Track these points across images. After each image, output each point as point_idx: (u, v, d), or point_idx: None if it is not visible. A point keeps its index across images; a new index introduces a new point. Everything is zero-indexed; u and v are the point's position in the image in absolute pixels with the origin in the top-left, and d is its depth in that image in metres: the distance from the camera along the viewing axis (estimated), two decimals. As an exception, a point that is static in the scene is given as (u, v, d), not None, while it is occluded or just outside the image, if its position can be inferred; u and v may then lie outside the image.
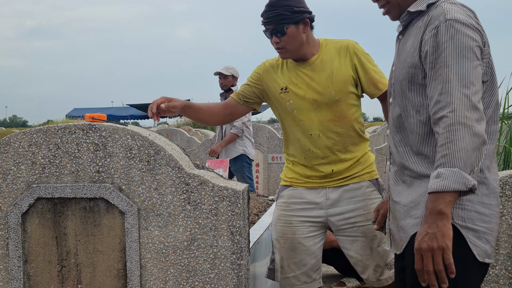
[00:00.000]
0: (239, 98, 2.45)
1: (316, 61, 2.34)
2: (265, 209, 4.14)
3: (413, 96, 1.57)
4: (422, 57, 1.52)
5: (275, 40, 2.29)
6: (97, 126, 1.89)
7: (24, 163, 1.92)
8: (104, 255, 1.91)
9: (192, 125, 16.04)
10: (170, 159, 1.86)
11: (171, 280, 1.88)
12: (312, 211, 2.36)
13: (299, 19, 2.26)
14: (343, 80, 2.30)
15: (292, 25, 2.25)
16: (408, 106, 1.59)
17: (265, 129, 6.96)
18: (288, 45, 2.27)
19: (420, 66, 1.54)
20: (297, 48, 2.29)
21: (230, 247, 1.85)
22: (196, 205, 1.86)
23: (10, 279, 1.92)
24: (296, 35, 2.26)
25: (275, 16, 2.25)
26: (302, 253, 2.37)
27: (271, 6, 2.27)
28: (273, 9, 2.26)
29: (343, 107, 2.31)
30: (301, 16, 2.26)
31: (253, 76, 2.46)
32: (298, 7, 2.26)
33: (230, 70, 5.81)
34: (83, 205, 1.91)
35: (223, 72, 5.76)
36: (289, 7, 2.25)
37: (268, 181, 6.89)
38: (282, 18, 2.23)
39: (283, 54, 2.32)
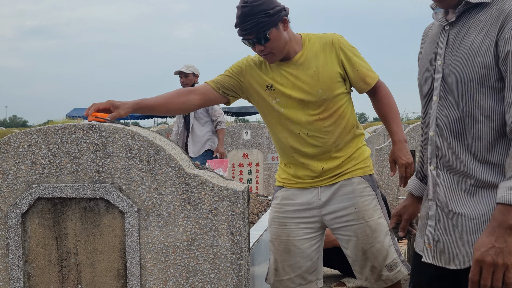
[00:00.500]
0: (217, 87, 2.34)
1: (300, 59, 2.26)
2: (265, 209, 4.15)
3: (482, 99, 1.42)
4: (501, 57, 1.38)
5: (259, 48, 2.20)
6: (97, 126, 1.89)
7: (24, 163, 1.92)
8: (104, 255, 1.91)
9: (192, 125, 16.01)
10: (170, 159, 1.86)
11: (171, 280, 1.88)
12: (305, 212, 2.32)
13: (278, 20, 2.18)
14: (330, 78, 2.22)
15: (273, 29, 2.17)
16: (474, 110, 1.44)
17: (265, 129, 6.96)
18: (274, 49, 2.20)
19: (495, 68, 1.39)
20: (282, 49, 2.21)
21: (230, 247, 1.85)
22: (196, 205, 1.86)
23: (10, 279, 1.93)
24: (279, 36, 2.18)
25: (253, 26, 2.14)
26: (297, 256, 2.33)
27: (245, 16, 2.15)
28: (249, 19, 2.14)
29: (332, 106, 2.24)
30: (278, 16, 2.17)
31: (233, 69, 2.36)
32: (272, 8, 2.16)
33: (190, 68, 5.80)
34: (83, 205, 1.91)
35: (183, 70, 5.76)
36: (264, 12, 2.14)
37: (268, 181, 6.89)
38: (262, 26, 2.14)
39: (271, 59, 2.24)
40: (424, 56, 1.63)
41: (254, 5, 2.14)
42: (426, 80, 1.59)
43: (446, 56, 1.51)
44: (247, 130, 6.95)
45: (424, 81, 1.60)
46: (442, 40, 1.53)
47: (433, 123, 1.55)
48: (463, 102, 1.46)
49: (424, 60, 1.62)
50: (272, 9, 2.16)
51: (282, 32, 2.20)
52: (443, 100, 1.52)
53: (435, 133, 1.55)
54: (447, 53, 1.51)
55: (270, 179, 6.90)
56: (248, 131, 6.93)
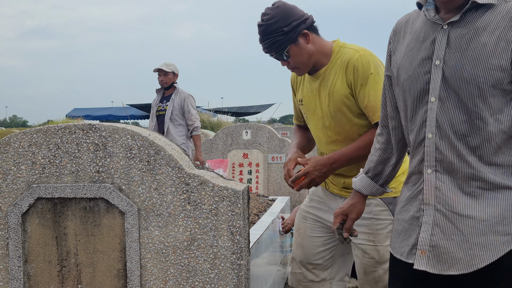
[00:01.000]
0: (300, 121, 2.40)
1: (324, 73, 2.16)
2: (265, 209, 4.15)
3: (493, 101, 1.41)
4: None
5: (283, 63, 2.15)
6: (97, 126, 1.89)
7: (24, 163, 1.92)
8: (104, 255, 1.91)
9: (192, 125, 16.03)
10: (170, 159, 1.86)
11: (171, 280, 1.88)
12: (325, 213, 2.30)
13: (296, 36, 2.07)
14: (340, 99, 2.12)
15: (291, 45, 2.08)
16: (484, 112, 1.42)
17: (265, 129, 6.96)
18: (298, 63, 2.12)
19: (510, 70, 1.39)
20: (306, 63, 2.12)
21: (230, 247, 1.85)
22: (196, 205, 1.86)
23: (10, 279, 1.93)
24: (300, 52, 2.09)
25: (270, 45, 2.08)
26: (309, 251, 2.32)
27: (263, 35, 2.08)
28: (266, 38, 2.08)
29: (346, 128, 2.15)
30: (296, 32, 2.07)
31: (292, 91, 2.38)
32: (288, 25, 2.06)
33: (170, 67, 5.66)
34: (83, 205, 1.91)
35: (164, 68, 5.60)
36: (279, 30, 2.05)
37: (268, 181, 6.89)
38: (278, 45, 2.07)
39: (298, 72, 2.19)
40: (409, 54, 1.55)
41: (269, 23, 2.06)
42: (416, 80, 1.52)
43: (448, 56, 1.46)
44: (247, 130, 6.95)
45: (414, 81, 1.53)
46: (441, 39, 1.47)
47: (432, 125, 1.49)
48: (473, 104, 1.42)
49: (409, 58, 1.55)
50: (288, 25, 2.05)
51: (304, 46, 2.10)
52: (445, 102, 1.46)
53: (434, 135, 1.49)
54: (449, 53, 1.45)
55: (270, 179, 6.90)
56: (248, 131, 6.93)
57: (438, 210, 1.50)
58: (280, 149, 6.90)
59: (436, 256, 1.49)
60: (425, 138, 1.51)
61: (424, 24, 1.53)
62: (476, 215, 1.45)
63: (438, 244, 1.49)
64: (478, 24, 1.42)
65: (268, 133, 6.94)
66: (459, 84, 1.43)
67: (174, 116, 5.61)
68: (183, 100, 5.70)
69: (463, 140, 1.46)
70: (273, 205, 4.19)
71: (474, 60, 1.41)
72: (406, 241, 1.57)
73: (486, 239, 1.44)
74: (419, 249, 1.52)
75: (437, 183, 1.50)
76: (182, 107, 5.68)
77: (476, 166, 1.45)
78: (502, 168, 1.45)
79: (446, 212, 1.48)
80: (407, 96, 1.55)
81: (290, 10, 2.08)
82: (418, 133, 1.53)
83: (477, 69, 1.41)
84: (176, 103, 5.68)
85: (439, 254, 1.49)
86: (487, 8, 1.43)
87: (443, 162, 1.49)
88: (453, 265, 1.47)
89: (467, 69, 1.42)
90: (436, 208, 1.50)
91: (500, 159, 1.44)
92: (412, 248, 1.55)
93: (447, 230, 1.48)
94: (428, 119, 1.50)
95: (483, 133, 1.43)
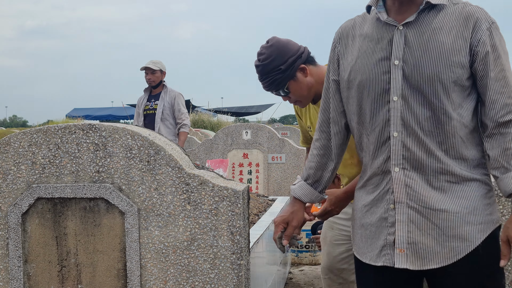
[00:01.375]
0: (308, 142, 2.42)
1: None
2: (265, 209, 4.15)
3: (455, 97, 1.48)
4: (479, 58, 1.47)
5: (284, 99, 2.17)
6: (97, 126, 1.89)
7: (24, 163, 1.92)
8: (104, 255, 1.90)
9: (192, 125, 16.05)
10: (170, 159, 1.86)
11: (171, 280, 1.88)
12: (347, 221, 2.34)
13: (293, 73, 2.07)
14: None
15: (290, 81, 2.08)
16: (447, 107, 1.48)
17: (265, 129, 6.96)
18: (299, 97, 2.14)
19: (468, 67, 1.48)
20: (307, 95, 2.14)
21: (230, 247, 1.85)
22: (196, 205, 1.86)
23: (10, 279, 1.92)
24: (299, 86, 2.10)
25: (270, 84, 2.08)
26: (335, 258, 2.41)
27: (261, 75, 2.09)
28: (264, 78, 2.08)
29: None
30: (293, 68, 2.06)
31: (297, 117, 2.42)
32: (285, 62, 2.05)
33: (158, 65, 5.47)
34: (83, 205, 1.90)
35: (151, 66, 5.41)
36: (277, 69, 2.04)
37: (268, 181, 6.89)
38: (278, 83, 2.07)
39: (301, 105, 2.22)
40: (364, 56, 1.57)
41: (265, 63, 2.06)
42: (375, 80, 1.54)
43: (407, 55, 1.50)
44: (247, 130, 6.95)
45: (372, 82, 1.54)
46: (398, 40, 1.51)
47: (398, 123, 1.51)
48: (438, 100, 1.48)
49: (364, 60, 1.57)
50: (284, 63, 2.05)
51: (303, 80, 2.10)
52: (408, 99, 1.50)
53: (400, 133, 1.51)
54: (408, 53, 1.50)
55: (270, 179, 6.90)
56: (248, 131, 6.93)
57: (411, 207, 1.51)
58: (280, 149, 6.90)
59: (414, 253, 1.51)
60: (390, 137, 1.53)
61: (376, 27, 1.58)
62: (448, 208, 1.49)
63: (415, 240, 1.51)
64: (434, 25, 1.49)
65: (268, 133, 6.94)
66: (421, 81, 1.48)
67: (165, 116, 5.45)
68: (174, 98, 5.51)
69: (430, 136, 1.50)
70: (273, 205, 4.19)
71: (436, 58, 1.47)
72: (375, 244, 1.58)
73: (461, 230, 1.49)
74: (398, 248, 1.52)
75: (406, 181, 1.52)
76: (173, 105, 5.50)
77: (444, 160, 1.50)
78: (466, 161, 1.51)
79: (420, 208, 1.51)
80: (365, 97, 1.57)
81: (285, 47, 2.08)
82: (381, 133, 1.54)
83: (439, 66, 1.47)
84: (167, 102, 5.50)
85: (418, 250, 1.51)
86: (439, 8, 1.51)
87: (411, 159, 1.51)
88: (432, 259, 1.50)
89: (429, 67, 1.48)
90: (409, 205, 1.51)
91: (464, 153, 1.51)
92: (381, 250, 1.56)
93: (422, 226, 1.51)
94: (391, 118, 1.52)
95: (448, 127, 1.49)
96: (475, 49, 1.47)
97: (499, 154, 1.48)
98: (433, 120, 1.49)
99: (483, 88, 1.49)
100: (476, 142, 1.54)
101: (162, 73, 5.52)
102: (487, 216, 1.52)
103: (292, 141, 7.23)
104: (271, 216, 3.47)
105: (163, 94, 5.52)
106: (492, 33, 1.48)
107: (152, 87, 5.57)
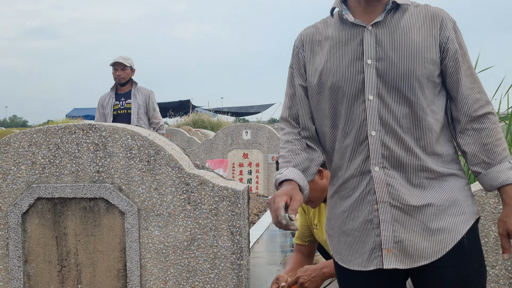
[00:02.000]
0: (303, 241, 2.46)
1: None
2: (265, 209, 4.15)
3: (428, 93, 1.51)
4: (449, 55, 1.52)
5: None
6: (97, 126, 1.89)
7: (24, 163, 1.92)
8: (104, 255, 1.90)
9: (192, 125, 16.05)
10: (170, 159, 1.86)
11: (171, 280, 1.88)
12: None
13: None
14: None
15: None
16: (423, 104, 1.50)
17: (265, 129, 6.96)
18: (312, 198, 2.21)
19: (438, 63, 1.52)
20: (320, 196, 2.22)
21: (230, 247, 1.85)
22: (196, 205, 1.86)
23: (10, 279, 1.92)
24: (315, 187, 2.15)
25: None
26: None
27: None
28: None
29: None
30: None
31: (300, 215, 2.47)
32: None
33: (128, 61, 5.10)
34: (83, 205, 1.90)
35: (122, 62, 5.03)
36: None
37: (268, 181, 6.89)
38: None
39: (312, 205, 2.29)
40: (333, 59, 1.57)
41: None
42: (349, 81, 1.53)
43: (380, 54, 1.51)
44: (247, 130, 6.95)
45: (346, 83, 1.53)
46: (368, 40, 1.52)
47: (375, 122, 1.50)
48: (414, 96, 1.49)
49: (335, 63, 1.56)
50: None
51: (319, 182, 2.19)
52: (384, 98, 1.50)
53: (378, 132, 1.50)
54: (381, 52, 1.51)
55: (270, 179, 6.90)
56: (248, 131, 6.93)
57: (394, 206, 1.50)
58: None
59: (402, 251, 1.50)
60: (367, 136, 1.52)
61: (342, 29, 1.58)
62: (430, 202, 1.51)
63: (401, 238, 1.50)
64: (402, 24, 1.53)
65: (268, 133, 6.94)
66: (397, 79, 1.50)
67: (140, 115, 5.09)
68: (147, 97, 5.16)
69: (408, 133, 1.51)
70: (273, 205, 4.18)
71: (409, 55, 1.50)
72: (362, 249, 1.54)
73: (445, 222, 1.50)
74: (385, 248, 1.50)
75: (387, 180, 1.51)
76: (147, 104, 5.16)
77: (422, 157, 1.51)
78: (441, 157, 1.54)
79: (402, 207, 1.50)
80: (339, 99, 1.55)
81: None
82: (358, 134, 1.53)
83: (414, 62, 1.50)
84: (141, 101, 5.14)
85: (405, 248, 1.50)
86: (404, 9, 1.56)
87: (390, 158, 1.51)
88: (421, 255, 1.50)
89: (404, 64, 1.50)
90: (391, 204, 1.50)
91: (439, 149, 1.53)
92: (370, 254, 1.53)
93: (407, 223, 1.50)
94: (368, 117, 1.51)
95: (424, 123, 1.51)
96: (444, 46, 1.52)
97: (479, 150, 1.52)
98: (411, 117, 1.50)
99: (454, 84, 1.53)
100: (447, 138, 1.57)
101: (132, 70, 5.16)
102: (468, 207, 1.54)
103: (292, 141, 7.21)
104: (271, 216, 3.47)
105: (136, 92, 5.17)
106: (456, 32, 1.55)
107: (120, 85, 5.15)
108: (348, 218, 1.58)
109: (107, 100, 5.18)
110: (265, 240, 2.99)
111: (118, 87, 5.16)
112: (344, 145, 1.57)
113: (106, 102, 5.17)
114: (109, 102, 5.16)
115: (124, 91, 5.18)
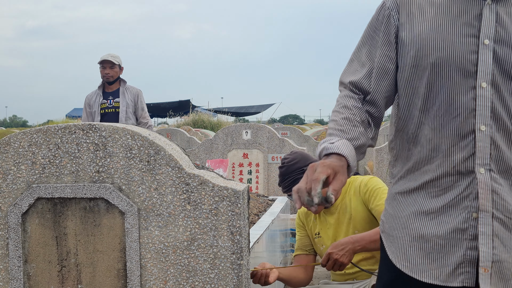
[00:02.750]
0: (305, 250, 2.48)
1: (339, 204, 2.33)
2: (265, 209, 4.14)
3: None
4: None
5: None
6: (97, 126, 1.89)
7: (24, 163, 1.92)
8: (104, 255, 1.91)
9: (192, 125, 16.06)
10: (170, 159, 1.86)
11: (171, 280, 1.88)
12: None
13: None
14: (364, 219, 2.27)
15: None
16: None
17: (265, 129, 6.96)
18: None
19: None
20: None
21: (230, 247, 1.85)
22: (196, 205, 1.86)
23: (10, 279, 1.93)
24: None
25: (290, 183, 2.28)
26: None
27: (283, 176, 2.33)
28: (286, 178, 2.30)
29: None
30: None
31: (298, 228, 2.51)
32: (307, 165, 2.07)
33: (117, 59, 5.01)
34: (83, 205, 1.91)
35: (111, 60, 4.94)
36: (299, 170, 2.27)
37: (268, 181, 6.89)
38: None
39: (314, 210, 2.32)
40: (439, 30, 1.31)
41: (289, 165, 2.31)
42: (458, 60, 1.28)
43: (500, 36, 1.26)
44: (247, 130, 6.95)
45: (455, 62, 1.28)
46: (488, 16, 1.27)
47: (486, 115, 1.26)
48: None
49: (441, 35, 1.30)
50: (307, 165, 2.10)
51: None
52: (499, 88, 1.26)
53: (489, 128, 1.26)
54: (502, 32, 1.27)
55: (270, 179, 6.90)
56: (248, 131, 6.93)
57: (497, 217, 1.27)
58: (280, 149, 6.90)
59: (498, 273, 1.26)
60: (475, 130, 1.28)
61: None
62: None
63: (501, 258, 1.26)
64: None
65: (268, 133, 6.94)
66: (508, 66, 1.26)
67: (128, 114, 5.00)
68: (136, 96, 5.09)
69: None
70: (273, 205, 4.19)
71: None
72: (444, 260, 1.30)
73: None
74: (482, 267, 1.26)
75: (493, 186, 1.27)
76: (136, 103, 5.09)
77: None
78: None
79: (506, 220, 1.27)
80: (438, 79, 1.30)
81: (308, 155, 2.37)
82: (462, 125, 1.29)
83: None
84: (130, 100, 5.05)
85: (502, 270, 1.27)
86: None
87: (499, 160, 1.28)
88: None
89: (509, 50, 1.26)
90: (494, 215, 1.27)
91: None
92: (457, 267, 1.29)
93: (507, 241, 1.27)
94: (478, 108, 1.27)
95: None
96: None
97: None
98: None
99: None
100: None
101: (120, 69, 5.05)
102: None
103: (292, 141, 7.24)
104: (271, 216, 3.47)
105: (125, 90, 5.09)
106: None
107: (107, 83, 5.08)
108: (431, 221, 1.34)
109: (94, 99, 5.10)
110: (265, 240, 2.99)
111: (106, 85, 5.08)
112: (439, 136, 1.32)
113: (93, 101, 5.10)
114: (96, 100, 5.08)
115: (112, 89, 5.10)
